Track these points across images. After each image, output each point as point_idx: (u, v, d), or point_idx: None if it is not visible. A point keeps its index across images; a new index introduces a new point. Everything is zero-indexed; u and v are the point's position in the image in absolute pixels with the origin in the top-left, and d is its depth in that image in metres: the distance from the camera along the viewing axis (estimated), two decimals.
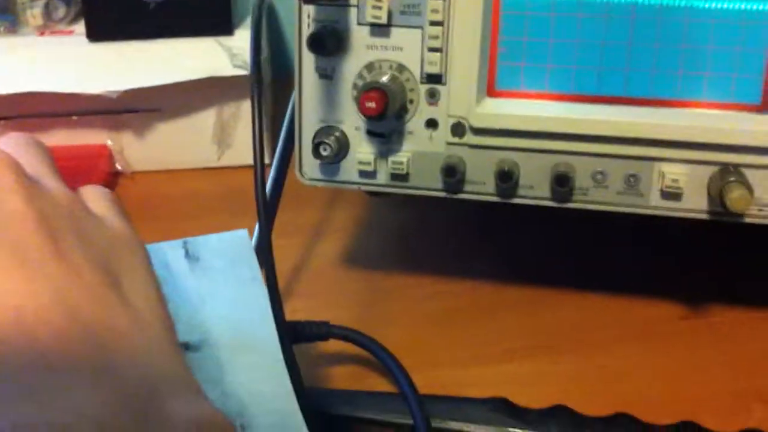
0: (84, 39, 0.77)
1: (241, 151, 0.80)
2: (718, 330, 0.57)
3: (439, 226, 0.70)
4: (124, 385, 0.28)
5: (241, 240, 0.45)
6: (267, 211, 0.56)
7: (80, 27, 0.78)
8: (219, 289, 0.43)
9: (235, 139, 0.80)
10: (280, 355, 0.40)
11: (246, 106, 0.79)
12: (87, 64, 0.75)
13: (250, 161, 0.80)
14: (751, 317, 0.58)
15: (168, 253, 0.45)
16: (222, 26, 0.77)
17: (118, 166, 0.79)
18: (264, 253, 0.45)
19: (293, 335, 0.51)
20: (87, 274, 0.31)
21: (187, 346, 0.40)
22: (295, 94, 0.55)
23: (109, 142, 0.78)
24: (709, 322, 0.58)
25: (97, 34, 0.76)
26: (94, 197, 0.38)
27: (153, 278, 0.36)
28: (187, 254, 0.45)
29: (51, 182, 0.35)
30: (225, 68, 0.75)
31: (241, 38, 0.77)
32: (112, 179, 0.78)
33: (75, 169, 0.75)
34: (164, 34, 0.76)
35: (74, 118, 0.77)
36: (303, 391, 0.41)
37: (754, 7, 0.48)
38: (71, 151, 0.77)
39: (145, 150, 0.79)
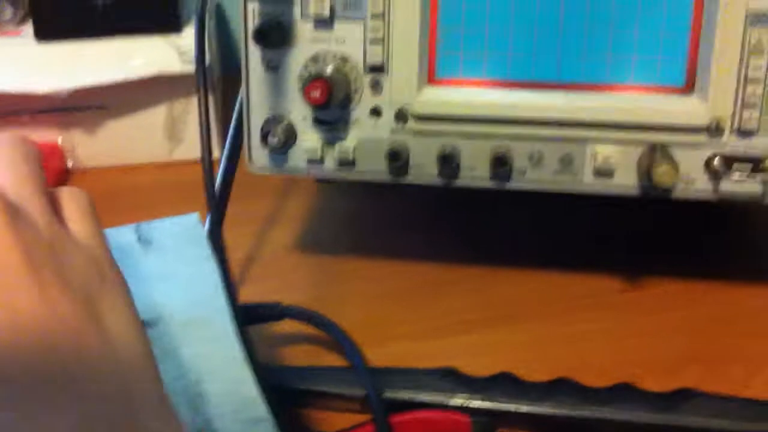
0: (32, 40, 0.77)
1: (193, 145, 0.81)
2: (658, 299, 0.60)
3: (391, 210, 0.72)
4: (97, 410, 0.29)
5: (193, 222, 0.47)
6: (220, 198, 0.58)
7: (29, 28, 0.79)
8: (172, 268, 0.44)
9: (187, 134, 0.81)
10: (232, 327, 0.42)
11: (196, 102, 0.79)
12: (36, 64, 0.76)
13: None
14: (687, 287, 0.61)
15: (121, 237, 0.46)
16: (170, 24, 0.78)
17: (70, 164, 0.80)
18: (214, 239, 0.47)
19: (246, 317, 0.53)
20: (63, 307, 0.31)
21: (143, 323, 0.42)
22: (242, 86, 0.56)
23: (60, 140, 0.79)
24: (649, 293, 0.61)
25: (45, 33, 0.77)
26: (73, 209, 0.37)
27: (131, 305, 0.36)
28: (139, 238, 0.46)
29: (34, 206, 0.34)
30: (174, 65, 0.77)
31: (190, 36, 0.78)
32: (64, 177, 0.79)
33: None
34: (113, 33, 0.77)
35: (25, 117, 0.78)
36: (257, 364, 0.43)
37: None
38: None
39: (96, 147, 0.80)
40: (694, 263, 0.63)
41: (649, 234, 0.67)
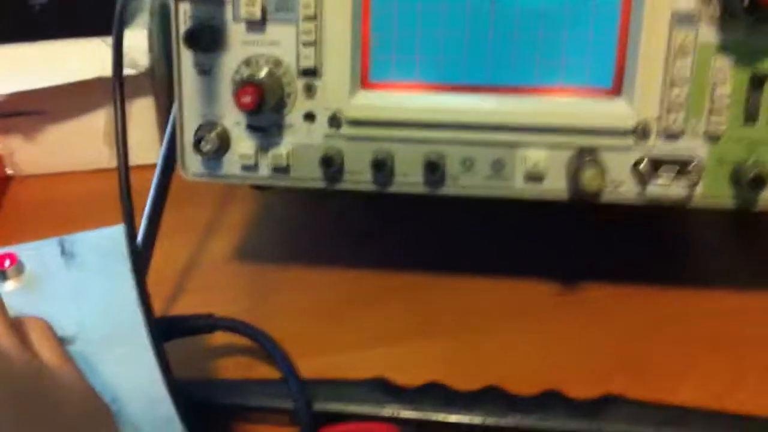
0: None
1: (133, 152, 0.79)
2: (588, 305, 0.60)
3: (329, 218, 0.72)
4: None
5: (116, 235, 0.46)
6: (155, 205, 0.57)
7: None
8: (93, 284, 0.44)
9: (128, 140, 0.80)
10: (149, 345, 0.41)
11: (138, 106, 0.79)
12: None
13: (143, 161, 0.80)
14: (618, 292, 0.61)
15: (44, 251, 0.45)
16: (109, 27, 0.77)
17: (9, 171, 0.78)
18: (131, 250, 0.46)
19: (177, 329, 0.52)
20: None
21: (62, 340, 0.41)
22: (175, 91, 0.56)
23: None
24: (579, 299, 0.61)
25: None
26: (39, 338, 0.39)
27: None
28: (63, 251, 0.46)
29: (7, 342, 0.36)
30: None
31: (130, 37, 0.77)
32: (3, 184, 0.78)
33: None
34: (50, 35, 0.76)
35: None
36: (180, 381, 0.42)
37: None
38: None
39: (36, 153, 0.79)
40: (621, 268, 0.63)
41: (578, 239, 0.68)
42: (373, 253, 0.67)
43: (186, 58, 0.55)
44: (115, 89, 0.45)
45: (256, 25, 0.53)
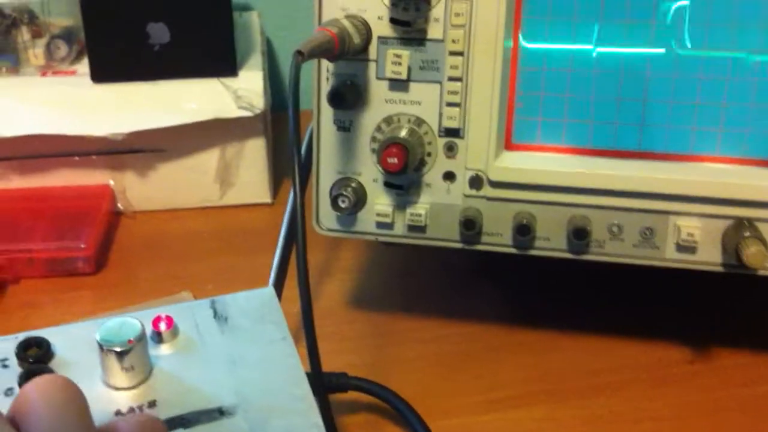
0: (87, 79, 0.76)
1: (244, 190, 0.80)
2: (725, 374, 0.58)
3: (440, 267, 0.71)
4: None
5: (268, 298, 0.45)
6: (283, 254, 0.57)
7: (83, 66, 0.78)
8: (249, 350, 0.43)
9: (238, 179, 0.80)
10: (318, 418, 0.40)
11: (249, 146, 0.79)
12: (91, 106, 0.75)
13: (252, 200, 0.81)
14: (751, 361, 0.59)
15: (197, 313, 0.45)
16: (226, 67, 0.77)
17: (120, 206, 0.79)
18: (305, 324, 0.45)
19: (312, 387, 0.51)
20: None
21: (221, 411, 0.40)
22: (313, 144, 0.55)
23: (111, 182, 0.78)
24: (714, 366, 0.59)
25: (101, 75, 0.76)
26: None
27: None
28: (215, 314, 0.45)
29: None
30: (230, 110, 0.76)
31: (245, 79, 0.78)
32: (113, 219, 0.78)
33: (76, 209, 0.75)
34: (168, 75, 0.76)
35: (76, 158, 0.77)
36: None
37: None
38: (73, 191, 0.77)
39: (147, 190, 0.79)
40: (756, 336, 0.61)
41: (715, 303, 0.65)
42: (488, 305, 0.65)
43: (326, 115, 0.54)
44: (295, 168, 0.43)
45: (400, 83, 0.53)
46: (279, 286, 0.58)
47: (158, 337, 0.43)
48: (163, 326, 0.43)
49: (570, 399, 0.56)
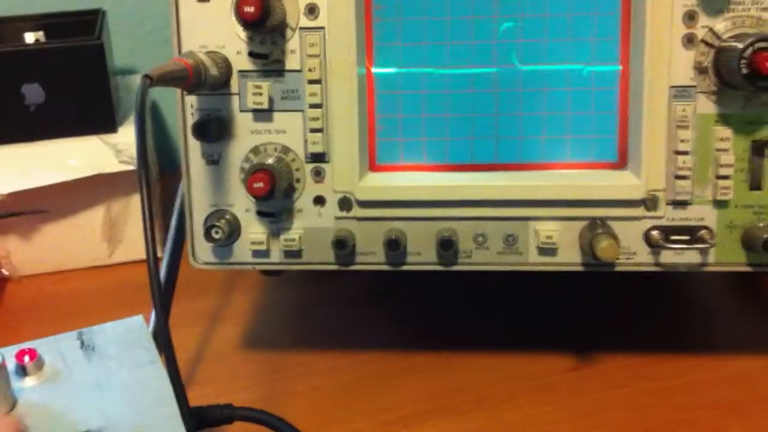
0: None
1: (132, 246, 0.80)
2: (601, 377, 0.60)
3: (333, 300, 0.72)
4: None
5: (136, 325, 0.46)
6: (164, 296, 0.57)
7: None
8: (117, 375, 0.43)
9: (126, 235, 0.80)
10: None
11: (134, 201, 0.79)
12: None
13: (142, 256, 0.79)
14: (629, 363, 0.61)
15: (62, 345, 0.45)
16: (105, 124, 0.78)
17: (5, 272, 0.77)
18: (163, 341, 0.45)
19: (196, 420, 0.51)
20: None
21: None
22: (183, 181, 0.56)
23: None
24: (596, 371, 0.61)
25: None
26: None
27: None
28: (82, 345, 0.45)
29: None
30: (111, 165, 0.76)
31: (126, 135, 0.78)
32: None
33: None
34: (47, 135, 0.77)
35: None
36: None
37: (603, 69, 0.53)
38: None
39: (32, 253, 0.78)
40: (633, 337, 0.63)
41: (590, 310, 0.68)
42: (380, 331, 0.66)
43: (194, 149, 0.55)
44: (141, 181, 0.44)
45: (264, 114, 0.54)
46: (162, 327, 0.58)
47: (22, 371, 0.43)
48: (26, 359, 0.43)
49: (461, 413, 0.57)
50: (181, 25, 0.53)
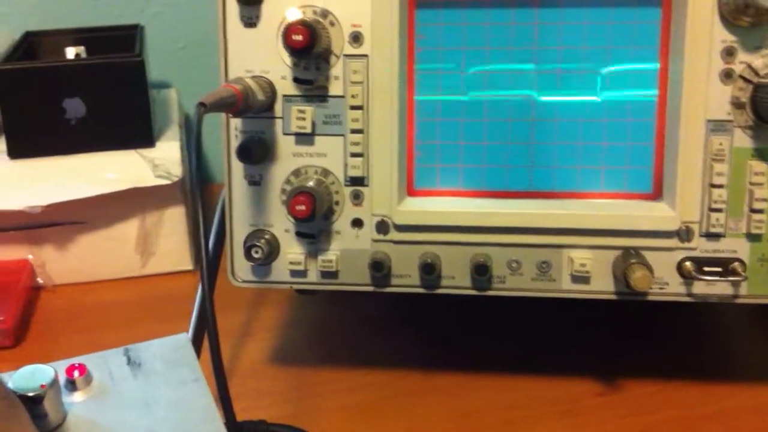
0: (4, 156, 0.78)
1: (164, 258, 0.81)
2: (635, 402, 0.61)
3: (364, 317, 0.73)
4: None
5: (182, 343, 0.47)
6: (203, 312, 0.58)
7: (1, 143, 0.79)
8: (162, 393, 0.44)
9: (158, 248, 0.81)
10: None
11: (168, 214, 0.80)
12: (8, 181, 0.76)
13: (173, 268, 0.82)
14: (659, 389, 0.62)
15: (110, 361, 0.46)
16: (143, 138, 0.79)
17: (40, 280, 0.79)
18: (213, 351, 0.47)
19: None
20: None
21: None
22: (225, 200, 0.57)
23: (30, 257, 0.78)
24: (624, 396, 0.61)
25: (18, 151, 0.77)
26: None
27: None
28: (129, 361, 0.46)
29: None
30: (147, 178, 0.77)
31: (163, 149, 0.80)
32: (33, 293, 0.78)
33: None
34: (86, 148, 0.78)
35: None
36: None
37: (641, 100, 0.54)
38: None
39: (67, 263, 0.79)
40: (661, 363, 0.64)
41: (618, 336, 0.69)
42: (408, 350, 0.67)
43: (236, 170, 0.57)
44: (197, 201, 0.45)
45: (306, 137, 0.56)
46: (198, 341, 0.59)
47: (72, 385, 0.44)
48: (76, 374, 0.44)
49: None
50: (229, 50, 0.55)
